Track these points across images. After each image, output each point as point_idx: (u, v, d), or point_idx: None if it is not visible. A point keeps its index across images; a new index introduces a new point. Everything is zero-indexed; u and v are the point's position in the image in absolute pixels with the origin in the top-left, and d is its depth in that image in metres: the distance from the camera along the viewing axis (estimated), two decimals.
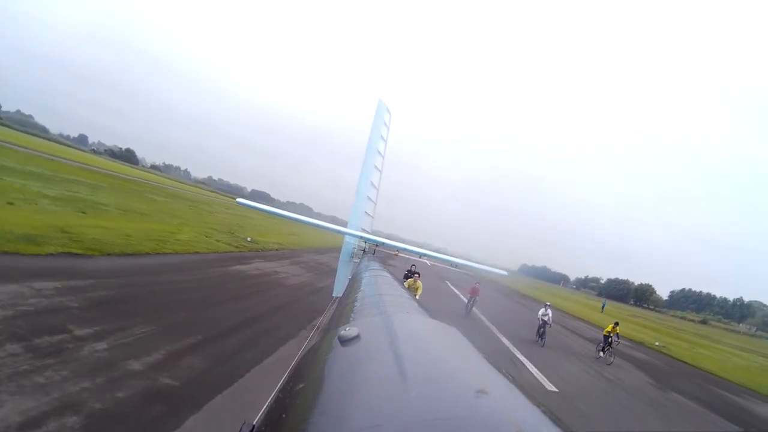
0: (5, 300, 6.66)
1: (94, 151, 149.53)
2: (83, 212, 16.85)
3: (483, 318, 19.46)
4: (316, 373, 0.96)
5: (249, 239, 23.76)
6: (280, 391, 1.00)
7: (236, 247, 20.20)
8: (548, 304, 17.23)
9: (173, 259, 13.72)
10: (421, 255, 6.88)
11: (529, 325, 19.49)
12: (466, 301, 20.66)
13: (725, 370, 23.92)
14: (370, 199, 7.69)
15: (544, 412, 0.71)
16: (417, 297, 9.40)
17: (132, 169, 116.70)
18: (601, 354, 16.48)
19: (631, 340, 27.83)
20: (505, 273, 6.58)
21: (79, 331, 6.19)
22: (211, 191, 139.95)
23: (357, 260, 7.41)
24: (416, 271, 13.58)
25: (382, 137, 8.15)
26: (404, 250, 6.55)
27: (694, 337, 50.55)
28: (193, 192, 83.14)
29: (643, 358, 20.54)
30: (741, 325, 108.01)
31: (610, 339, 16.19)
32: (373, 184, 7.83)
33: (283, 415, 0.78)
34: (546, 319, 16.41)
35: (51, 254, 10.10)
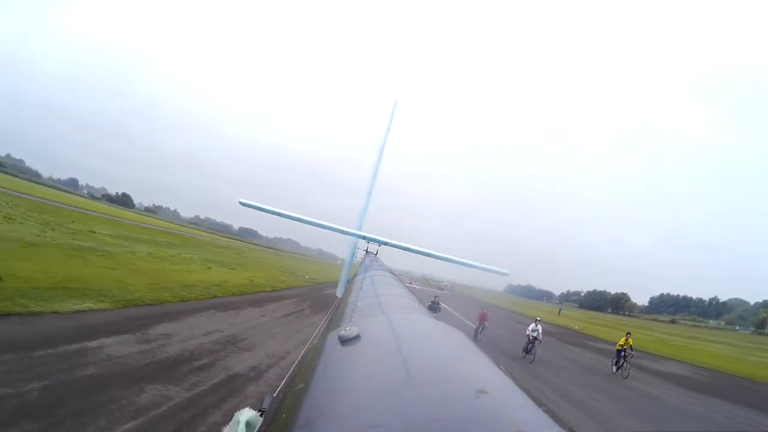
0: (297, 306, 19.58)
1: (92, 196, 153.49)
2: (233, 269, 29.37)
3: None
4: (316, 373, 0.96)
5: (307, 277, 36.72)
6: (281, 391, 1.03)
7: (308, 282, 33.21)
8: (539, 319, 17.27)
9: (299, 291, 26.73)
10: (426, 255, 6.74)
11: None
12: (473, 326, 19.77)
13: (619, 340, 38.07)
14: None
15: (545, 412, 0.70)
16: None
17: (134, 214, 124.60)
18: (615, 369, 16.15)
19: (558, 326, 41.91)
20: (507, 272, 6.71)
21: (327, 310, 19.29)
22: (206, 231, 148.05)
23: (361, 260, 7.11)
24: (439, 302, 17.89)
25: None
26: (408, 250, 6.73)
27: (632, 329, 64.07)
28: (204, 236, 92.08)
29: (554, 331, 34.32)
30: (711, 321, 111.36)
31: (624, 353, 15.85)
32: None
33: (284, 415, 0.80)
34: (536, 335, 16.19)
35: (269, 291, 22.92)
